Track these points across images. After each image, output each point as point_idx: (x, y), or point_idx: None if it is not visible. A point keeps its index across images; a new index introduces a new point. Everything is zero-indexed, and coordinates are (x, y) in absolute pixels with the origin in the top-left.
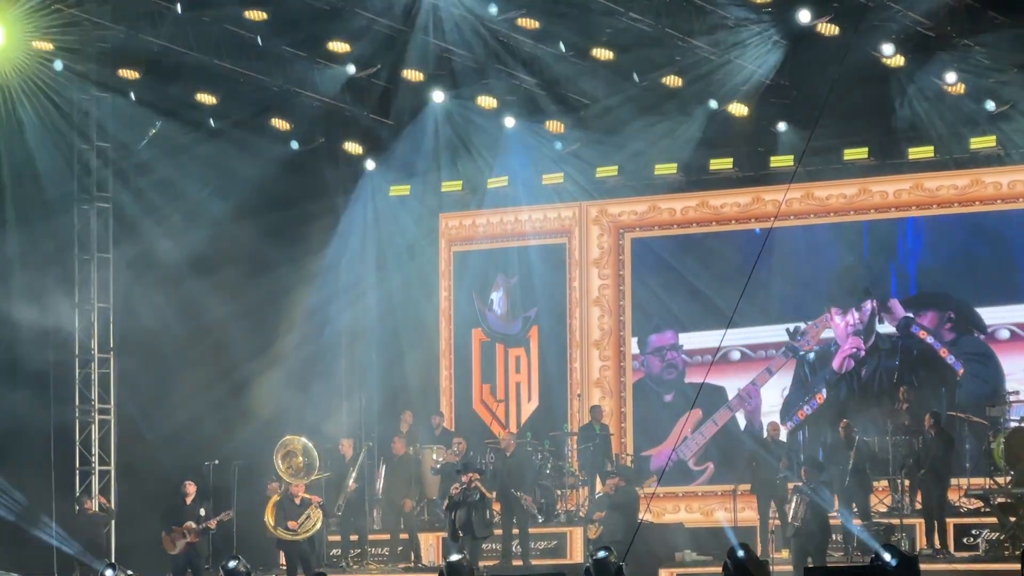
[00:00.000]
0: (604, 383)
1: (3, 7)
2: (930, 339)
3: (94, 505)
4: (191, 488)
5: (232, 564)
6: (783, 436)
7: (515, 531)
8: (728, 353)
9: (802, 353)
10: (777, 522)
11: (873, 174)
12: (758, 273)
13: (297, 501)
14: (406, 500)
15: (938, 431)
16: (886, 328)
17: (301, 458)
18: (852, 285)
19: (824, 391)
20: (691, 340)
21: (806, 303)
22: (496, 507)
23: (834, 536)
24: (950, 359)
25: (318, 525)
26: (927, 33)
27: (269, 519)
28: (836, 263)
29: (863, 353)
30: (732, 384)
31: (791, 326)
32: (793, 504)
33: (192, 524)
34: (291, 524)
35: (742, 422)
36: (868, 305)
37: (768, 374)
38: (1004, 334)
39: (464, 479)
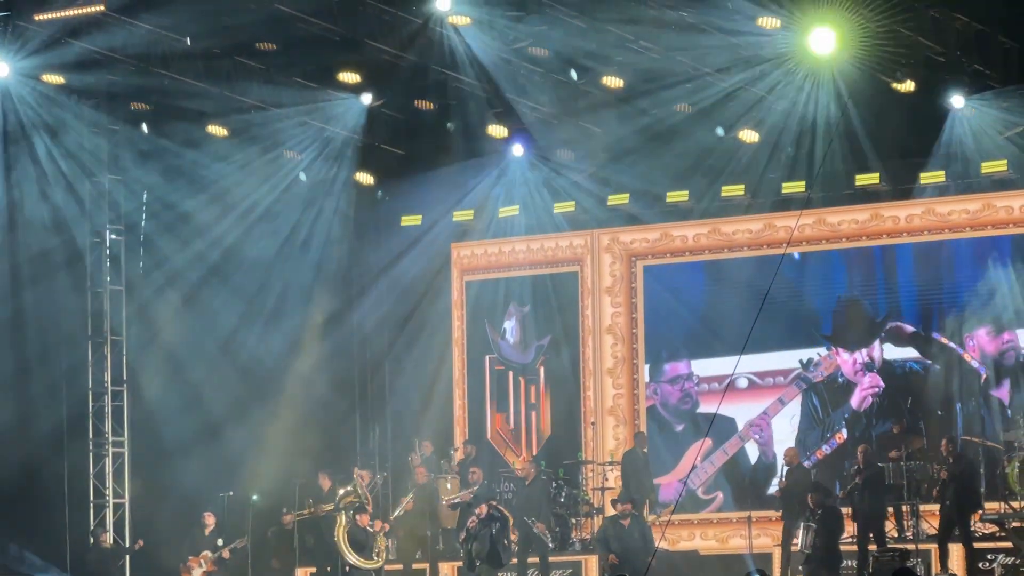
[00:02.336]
0: (618, 411)
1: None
2: (951, 344)
3: (108, 539)
4: (210, 519)
5: None
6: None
7: (531, 559)
8: (735, 380)
9: (807, 386)
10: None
11: (885, 199)
12: (767, 299)
13: (371, 531)
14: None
15: (956, 456)
16: (901, 353)
17: (349, 486)
18: (857, 317)
19: (844, 431)
20: (699, 367)
21: (814, 330)
22: (513, 536)
23: (847, 562)
24: (974, 363)
25: (385, 553)
26: (937, 58)
27: (347, 551)
28: (846, 289)
29: (881, 389)
30: (741, 412)
31: (804, 357)
32: (801, 530)
33: (208, 553)
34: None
35: (754, 454)
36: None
37: (780, 404)
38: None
39: (478, 511)
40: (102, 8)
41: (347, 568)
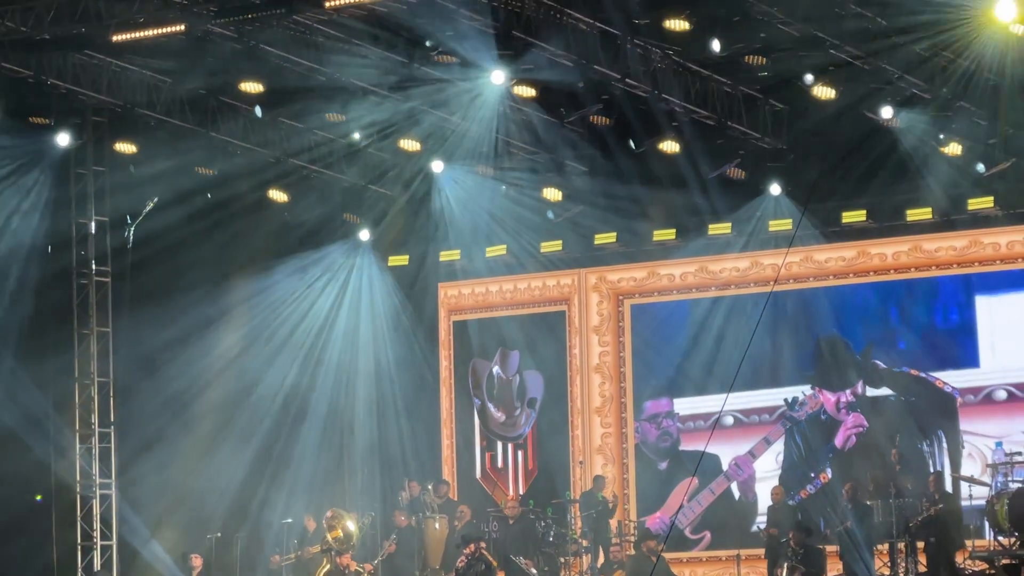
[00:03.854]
0: (606, 450)
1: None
2: (923, 374)
3: None
4: (197, 561)
5: None
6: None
7: None
8: (722, 419)
9: (792, 425)
10: None
11: (872, 236)
12: (754, 337)
13: (348, 572)
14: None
15: (942, 493)
16: (880, 392)
17: (339, 531)
18: (839, 355)
19: (829, 470)
20: (685, 405)
21: (800, 368)
22: (500, 575)
23: None
24: (947, 388)
25: None
26: (923, 95)
27: None
28: (833, 327)
29: (865, 429)
30: (727, 450)
31: (789, 396)
32: (785, 570)
33: None
34: None
35: (736, 491)
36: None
37: (766, 444)
38: (1001, 395)
39: (467, 550)
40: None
41: None
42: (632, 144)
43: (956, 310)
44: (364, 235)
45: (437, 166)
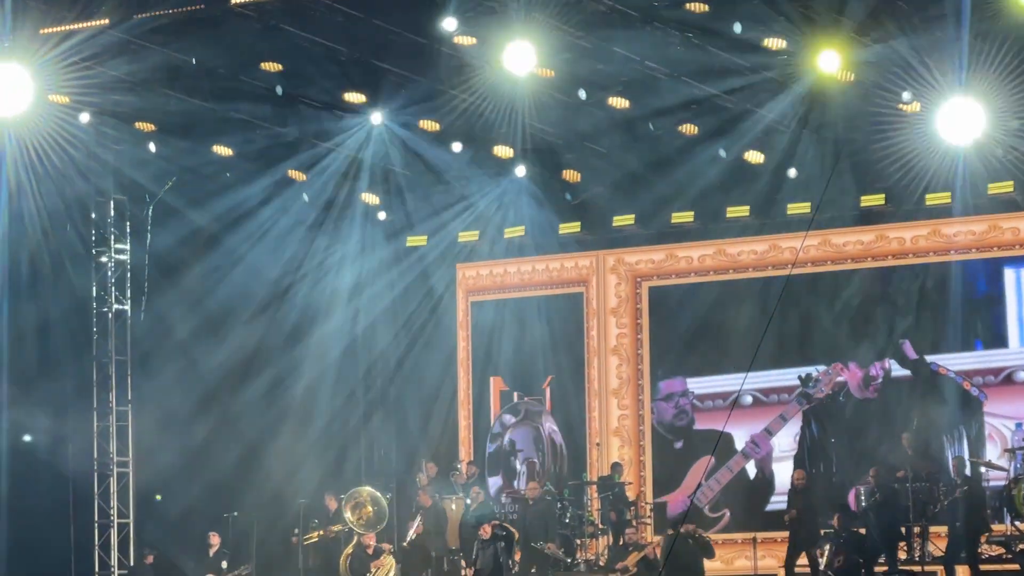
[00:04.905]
0: (623, 432)
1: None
2: (951, 374)
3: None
4: (215, 539)
5: None
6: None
7: None
8: (740, 398)
9: (807, 403)
10: (806, 569)
11: (890, 220)
12: (775, 318)
13: (370, 551)
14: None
15: (963, 477)
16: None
17: (370, 508)
18: (870, 333)
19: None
20: (702, 385)
21: (822, 348)
22: (517, 555)
23: None
24: (973, 391)
25: (392, 572)
26: (941, 78)
27: (344, 571)
28: (853, 310)
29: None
30: (743, 430)
31: (803, 372)
32: (827, 551)
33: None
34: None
35: (752, 469)
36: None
37: (782, 421)
38: (1022, 376)
39: (482, 531)
40: (106, 21)
41: None
42: (650, 126)
43: (979, 290)
44: (381, 215)
45: (456, 146)
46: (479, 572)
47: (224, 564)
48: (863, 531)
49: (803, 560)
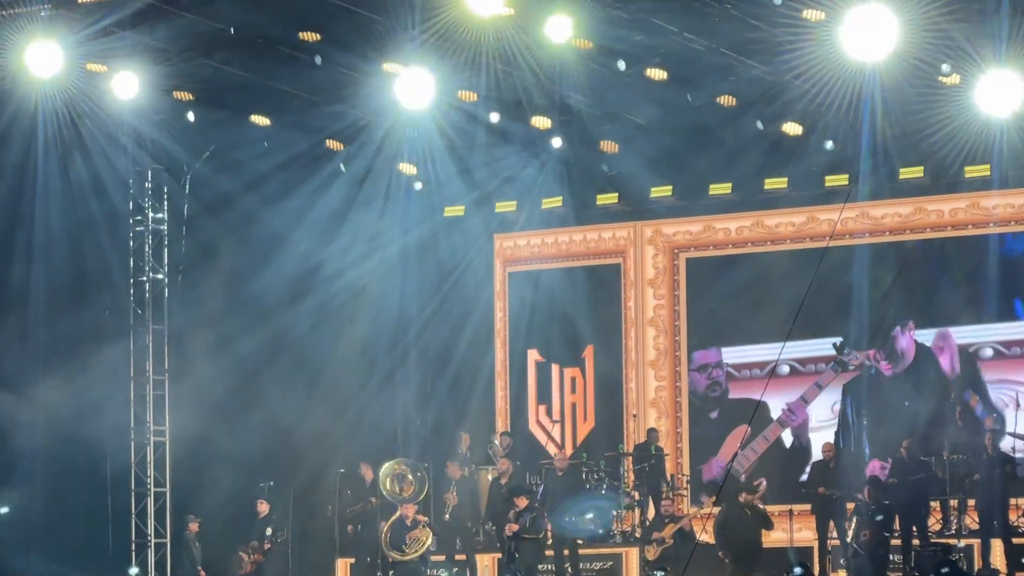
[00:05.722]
0: (660, 403)
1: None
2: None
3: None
4: (263, 507)
5: None
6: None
7: (566, 552)
8: (777, 367)
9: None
10: (835, 542)
11: (929, 193)
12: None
13: (408, 523)
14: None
15: (998, 451)
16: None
17: (411, 479)
18: (906, 305)
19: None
20: (737, 355)
21: (859, 319)
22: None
23: (893, 557)
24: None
25: (428, 543)
26: (980, 50)
27: (384, 542)
28: (889, 281)
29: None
30: (777, 399)
31: (837, 340)
32: (854, 524)
33: (255, 543)
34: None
35: (788, 438)
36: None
37: (817, 389)
38: None
39: (519, 502)
40: None
41: (386, 559)
42: (688, 97)
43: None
44: (418, 186)
45: (494, 116)
46: (516, 536)
47: (268, 531)
48: (892, 504)
49: (835, 532)
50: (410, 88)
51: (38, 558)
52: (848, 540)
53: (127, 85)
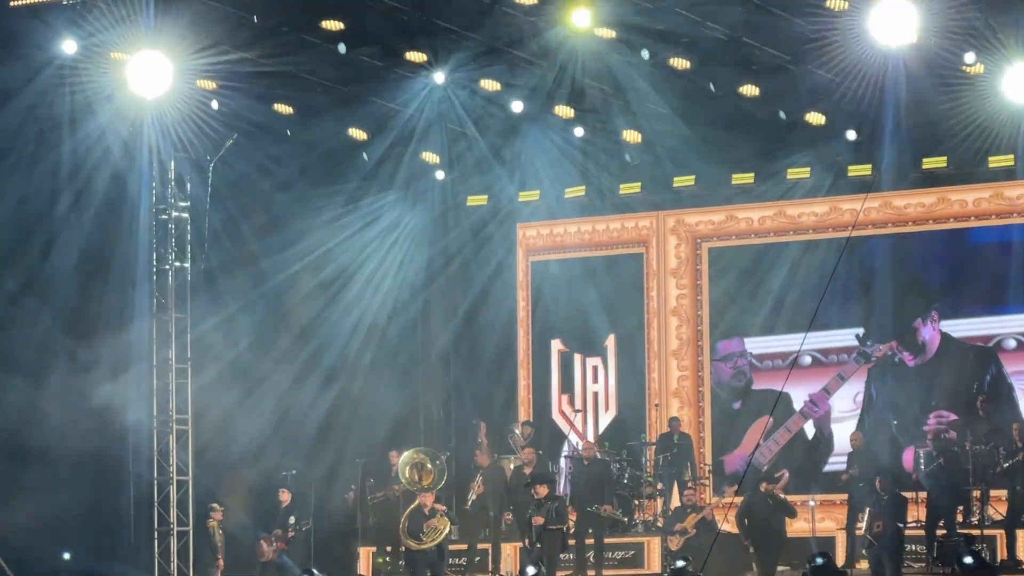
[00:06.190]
0: (682, 393)
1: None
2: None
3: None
4: (285, 496)
5: None
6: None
7: (589, 541)
8: (799, 358)
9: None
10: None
11: (952, 183)
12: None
13: (427, 511)
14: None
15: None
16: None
17: (431, 468)
18: (929, 296)
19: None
20: (760, 345)
21: (882, 310)
22: (572, 516)
23: (914, 547)
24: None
25: (446, 532)
26: (1005, 40)
27: (402, 530)
28: (912, 272)
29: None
30: (800, 390)
31: (860, 331)
32: (867, 514)
33: (279, 531)
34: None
35: (811, 430)
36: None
37: (840, 380)
38: None
39: (539, 490)
40: None
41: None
42: (711, 86)
43: None
44: (440, 175)
45: (516, 106)
46: (541, 527)
47: (292, 520)
48: (906, 496)
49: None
50: (432, 76)
51: (62, 550)
52: (863, 530)
53: (149, 72)
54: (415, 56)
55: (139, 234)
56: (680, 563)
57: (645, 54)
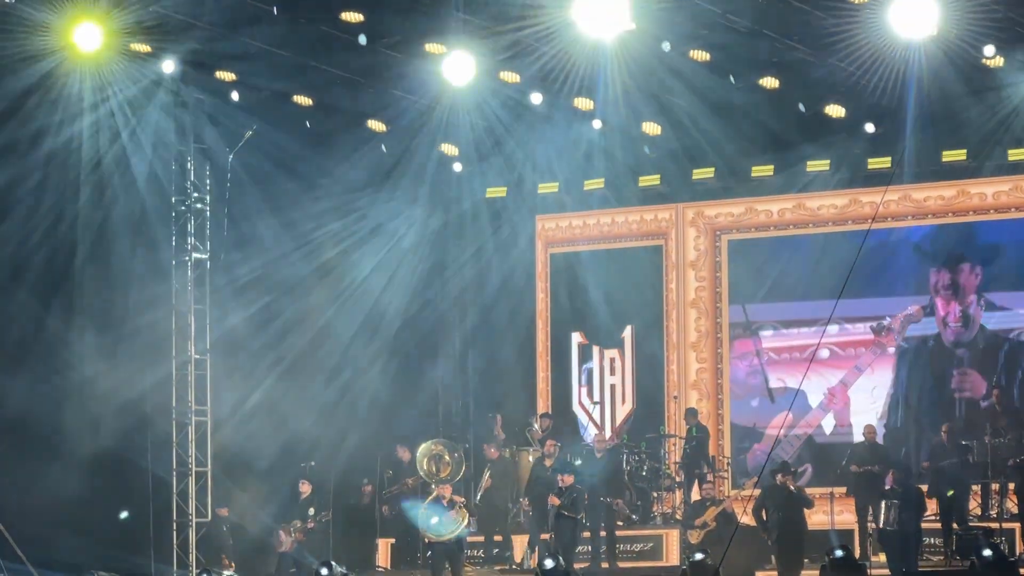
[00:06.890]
0: (701, 385)
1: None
2: None
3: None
4: (306, 487)
5: (324, 572)
6: (880, 439)
7: (603, 533)
8: (818, 351)
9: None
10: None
11: (972, 176)
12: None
13: (445, 503)
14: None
15: None
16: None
17: (448, 459)
18: (948, 289)
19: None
20: (778, 338)
21: (901, 303)
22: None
23: (932, 540)
24: None
25: (463, 524)
26: None
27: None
28: (932, 264)
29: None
30: (818, 384)
31: (875, 322)
32: (883, 508)
33: (298, 522)
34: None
35: (829, 423)
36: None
37: (857, 371)
38: None
39: (562, 481)
40: None
41: (425, 540)
42: (731, 79)
43: None
44: (458, 167)
45: (536, 98)
46: (556, 514)
47: (311, 511)
48: (918, 487)
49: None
50: (453, 69)
51: (78, 539)
52: (881, 524)
53: (171, 65)
54: (435, 48)
55: (157, 225)
56: (698, 556)
57: (666, 46)
